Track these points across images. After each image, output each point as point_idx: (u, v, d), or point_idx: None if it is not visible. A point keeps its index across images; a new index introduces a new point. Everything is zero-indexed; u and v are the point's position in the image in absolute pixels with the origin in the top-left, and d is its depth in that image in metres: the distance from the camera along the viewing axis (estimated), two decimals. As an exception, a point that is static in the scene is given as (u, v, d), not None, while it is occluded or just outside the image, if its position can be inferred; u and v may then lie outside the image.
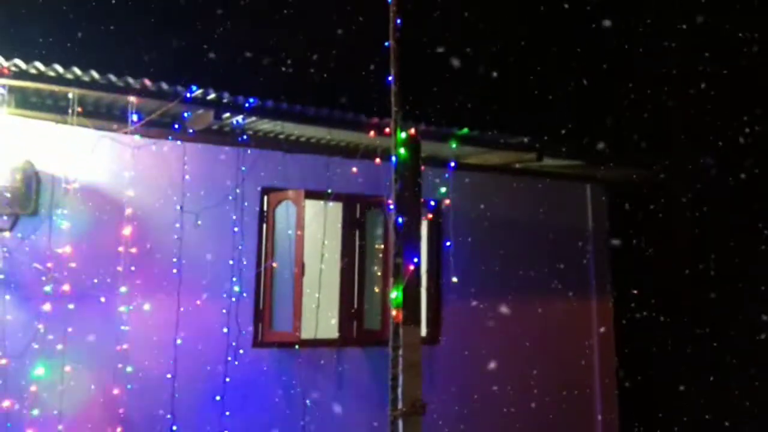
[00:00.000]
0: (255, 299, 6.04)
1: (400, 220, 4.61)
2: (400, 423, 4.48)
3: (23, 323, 5.05)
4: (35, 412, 4.96)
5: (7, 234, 5.07)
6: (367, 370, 6.42)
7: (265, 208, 6.21)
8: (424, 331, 6.24)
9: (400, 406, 4.47)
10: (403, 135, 4.67)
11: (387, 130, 4.72)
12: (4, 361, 4.94)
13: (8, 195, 4.98)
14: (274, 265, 6.07)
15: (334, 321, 6.44)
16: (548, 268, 7.30)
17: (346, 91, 5.82)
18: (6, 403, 4.91)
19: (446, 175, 6.35)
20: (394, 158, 4.63)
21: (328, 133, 6.08)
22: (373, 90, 5.86)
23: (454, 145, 6.23)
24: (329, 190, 6.20)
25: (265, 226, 6.18)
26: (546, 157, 6.75)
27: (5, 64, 4.68)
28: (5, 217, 5.07)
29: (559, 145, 6.69)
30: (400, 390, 4.49)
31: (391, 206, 4.66)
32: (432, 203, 6.58)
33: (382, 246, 6.43)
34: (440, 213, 6.74)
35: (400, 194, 4.67)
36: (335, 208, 6.47)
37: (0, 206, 5.01)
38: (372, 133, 5.81)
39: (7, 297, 5.04)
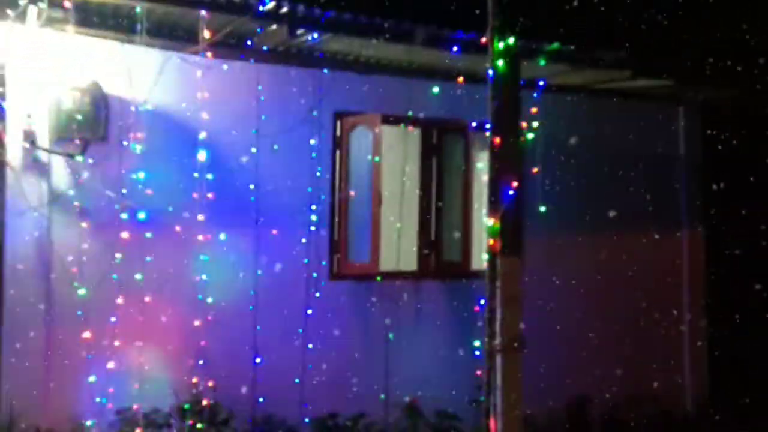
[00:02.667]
0: (330, 229, 5.77)
1: (497, 140, 4.23)
2: (498, 358, 4.23)
3: (100, 252, 4.89)
4: (117, 343, 4.85)
5: (80, 159, 4.84)
6: (446, 303, 6.16)
7: (338, 133, 5.87)
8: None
9: (497, 340, 4.21)
10: (501, 46, 4.24)
11: (483, 40, 4.29)
12: (83, 291, 4.79)
13: (80, 118, 4.74)
14: (351, 193, 5.77)
15: (413, 252, 6.16)
16: (636, 197, 6.83)
17: (427, 5, 5.32)
18: (87, 334, 4.79)
19: (535, 95, 5.88)
20: (490, 72, 4.22)
21: (407, 51, 5.65)
22: (455, 3, 5.41)
23: (542, 62, 5.76)
24: (409, 113, 5.81)
25: (339, 152, 5.85)
26: (639, 77, 6.22)
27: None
28: (77, 141, 4.83)
29: (658, 62, 6.13)
30: (498, 324, 4.21)
31: (487, 126, 4.28)
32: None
33: (464, 174, 6.06)
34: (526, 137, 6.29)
35: (497, 112, 4.27)
36: (414, 134, 6.09)
37: (71, 131, 4.78)
38: (456, 49, 5.38)
39: (83, 225, 4.86)
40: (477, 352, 4.73)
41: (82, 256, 4.84)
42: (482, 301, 4.20)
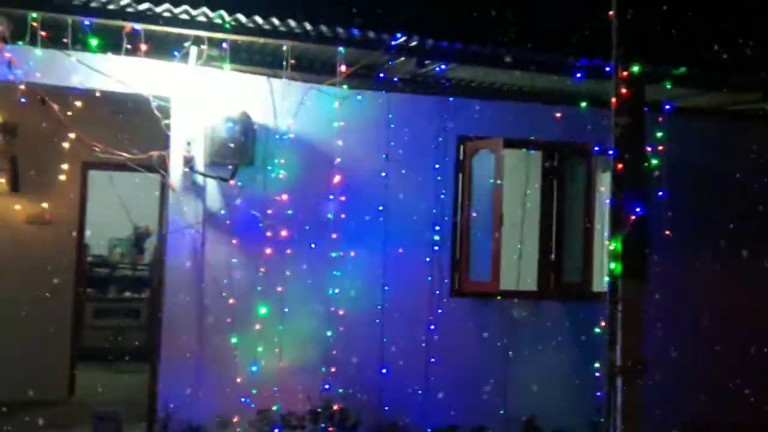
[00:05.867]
0: (452, 249, 6.03)
1: (621, 164, 4.33)
2: (619, 380, 4.30)
3: (247, 266, 5.40)
4: (260, 348, 5.33)
5: (231, 182, 5.39)
6: (566, 324, 6.23)
7: (461, 157, 6.13)
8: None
9: (618, 363, 4.28)
10: (625, 73, 4.36)
11: (606, 69, 4.42)
12: (232, 301, 5.32)
13: (232, 146, 5.28)
14: (473, 215, 6.00)
15: (533, 273, 6.29)
16: (764, 222, 6.59)
17: (550, 34, 5.49)
18: (234, 340, 5.31)
19: (659, 119, 5.87)
20: (614, 99, 4.34)
21: (530, 77, 5.83)
22: (578, 31, 5.53)
23: (668, 86, 5.76)
24: (532, 137, 5.98)
25: (461, 175, 6.11)
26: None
27: (227, 18, 4.90)
28: (229, 167, 5.38)
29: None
30: (618, 347, 4.29)
31: (609, 151, 4.39)
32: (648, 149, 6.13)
33: (586, 196, 6.14)
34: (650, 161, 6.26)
35: (621, 137, 4.38)
36: (535, 157, 6.25)
37: (224, 157, 5.33)
38: (579, 75, 5.50)
39: (233, 241, 5.40)
40: (597, 374, 4.82)
41: (231, 269, 5.37)
42: (603, 324, 4.30)
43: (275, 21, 5.00)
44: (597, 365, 4.71)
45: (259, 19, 4.98)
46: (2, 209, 7.35)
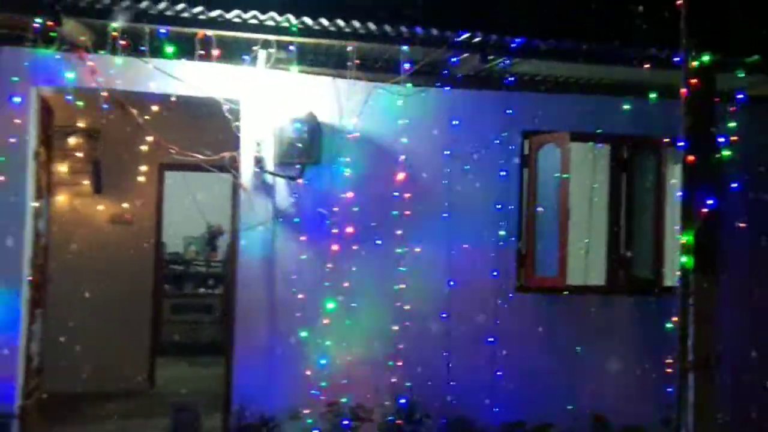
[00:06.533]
0: (518, 244, 6.02)
1: (691, 156, 4.25)
2: (691, 376, 4.22)
3: (314, 262, 5.54)
4: (328, 342, 5.47)
5: (299, 181, 5.55)
6: (636, 319, 6.13)
7: (526, 151, 6.11)
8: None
9: (690, 358, 4.20)
10: (695, 64, 4.26)
11: (676, 60, 4.34)
12: (301, 296, 5.48)
13: (300, 145, 5.44)
14: (539, 209, 5.97)
15: (600, 267, 6.21)
16: None
17: (616, 25, 5.40)
18: (303, 333, 5.47)
19: (731, 109, 5.69)
20: (683, 90, 4.26)
21: (597, 70, 5.76)
22: (645, 21, 5.42)
23: (741, 75, 5.58)
24: (599, 130, 5.91)
25: (526, 170, 6.09)
26: None
27: (294, 21, 5.04)
28: (297, 167, 5.54)
29: None
30: (690, 342, 4.21)
31: (680, 143, 4.31)
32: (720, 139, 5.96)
33: (656, 189, 6.01)
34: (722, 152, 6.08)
35: (691, 128, 4.30)
36: (603, 150, 6.16)
37: (292, 157, 5.49)
38: (647, 66, 5.40)
39: (301, 238, 5.56)
40: (668, 370, 4.74)
41: (299, 265, 5.53)
42: (674, 318, 4.23)
43: (340, 22, 5.11)
44: (668, 361, 4.64)
45: (324, 21, 5.10)
46: (87, 210, 7.79)
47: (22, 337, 5.22)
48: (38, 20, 4.88)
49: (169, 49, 5.13)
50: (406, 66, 5.43)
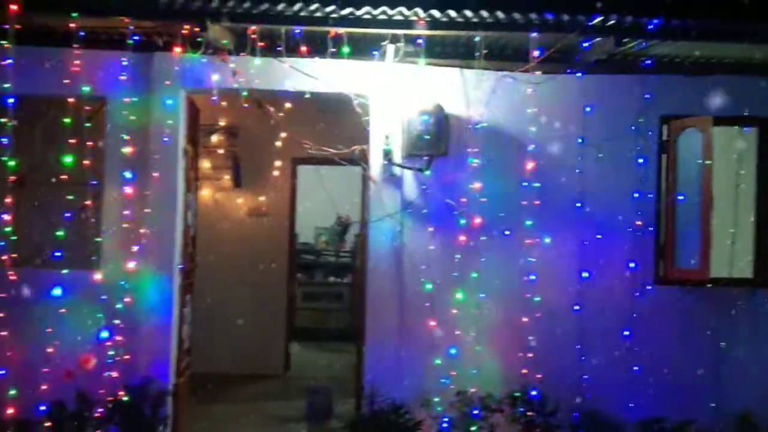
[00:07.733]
0: (656, 234, 5.76)
1: None
2: None
3: (442, 252, 5.58)
4: (457, 332, 5.50)
5: (426, 173, 5.61)
6: (790, 316, 5.70)
7: (665, 137, 5.81)
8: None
9: None
10: None
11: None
12: (430, 286, 5.55)
13: (427, 137, 5.49)
14: (679, 198, 5.68)
15: (747, 259, 5.82)
16: None
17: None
18: (432, 323, 5.53)
19: None
20: None
21: (742, 49, 5.36)
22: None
23: None
24: (745, 113, 5.52)
25: (666, 156, 5.80)
26: None
27: (422, 15, 5.08)
28: (425, 158, 5.60)
29: None
30: None
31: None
32: None
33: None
34: None
35: None
36: (749, 134, 5.76)
37: (420, 149, 5.55)
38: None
39: (429, 229, 5.61)
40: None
41: (427, 255, 5.59)
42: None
43: (468, 13, 5.09)
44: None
45: (452, 13, 5.09)
46: (227, 204, 8.30)
47: (174, 319, 5.65)
48: (186, 27, 5.24)
49: (304, 48, 5.33)
50: (536, 53, 5.32)
